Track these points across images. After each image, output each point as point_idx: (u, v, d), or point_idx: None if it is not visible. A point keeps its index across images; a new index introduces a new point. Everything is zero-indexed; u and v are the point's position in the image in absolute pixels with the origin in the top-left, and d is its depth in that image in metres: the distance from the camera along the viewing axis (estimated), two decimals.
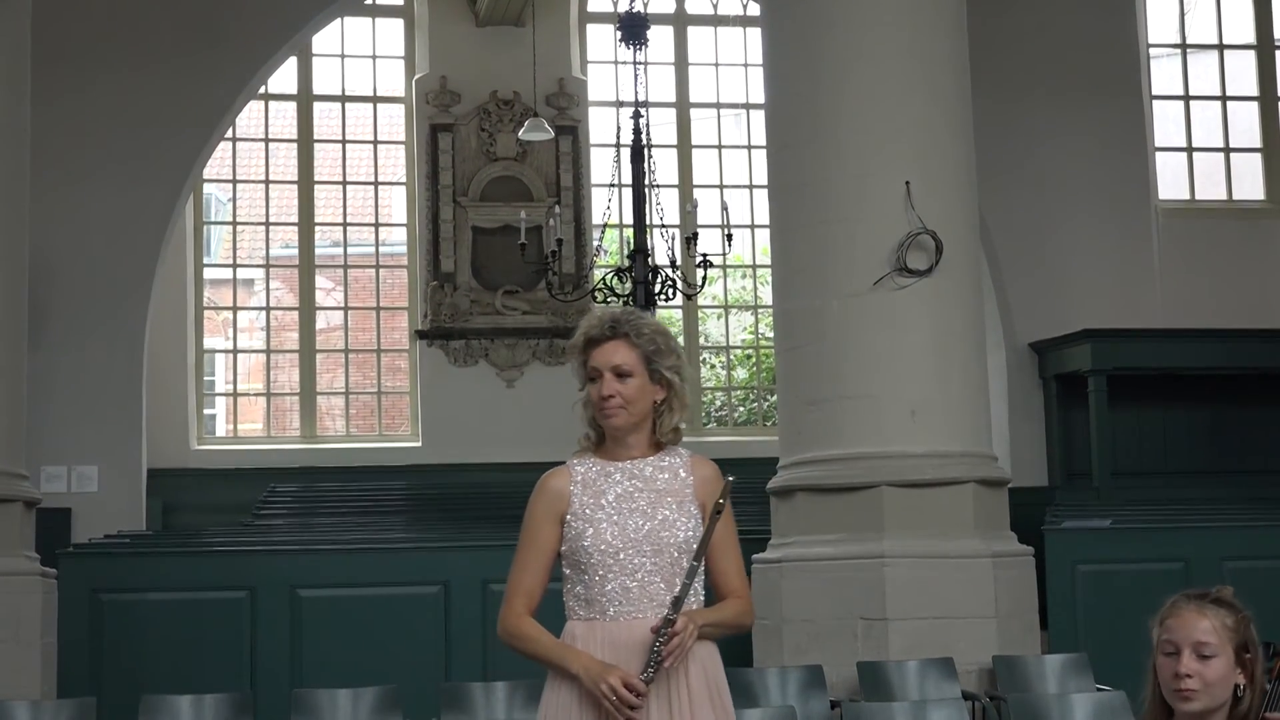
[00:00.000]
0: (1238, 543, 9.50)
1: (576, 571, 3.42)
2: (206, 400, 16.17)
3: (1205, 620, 2.94)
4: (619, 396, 3.41)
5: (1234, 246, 15.29)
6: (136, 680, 7.61)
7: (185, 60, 13.36)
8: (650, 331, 3.47)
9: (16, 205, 7.47)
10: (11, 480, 7.26)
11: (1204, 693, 2.93)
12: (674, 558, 3.36)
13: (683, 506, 3.42)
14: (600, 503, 3.42)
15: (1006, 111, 13.36)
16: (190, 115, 13.46)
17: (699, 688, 3.34)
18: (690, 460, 3.51)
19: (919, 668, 7.20)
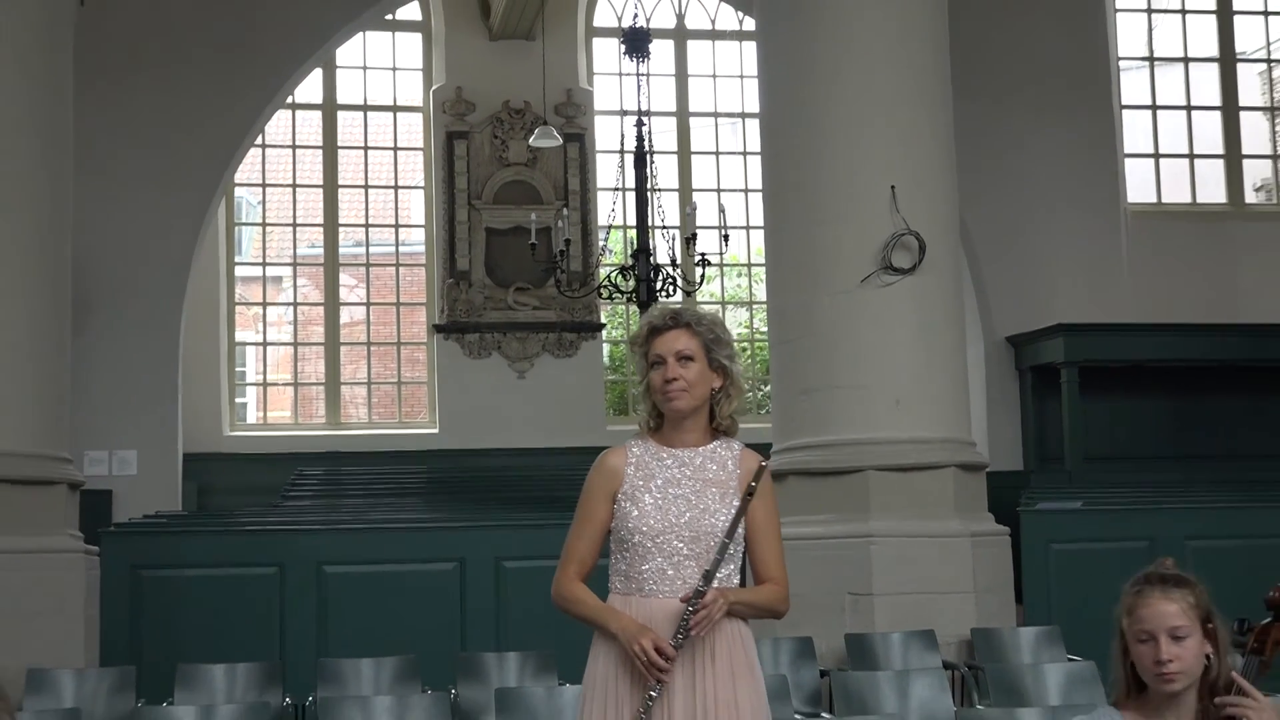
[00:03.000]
0: (1201, 523, 9.50)
1: (619, 547, 3.43)
2: (238, 389, 16.18)
3: (1173, 605, 2.94)
4: (682, 379, 3.39)
5: (1198, 247, 15.30)
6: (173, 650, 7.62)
7: (217, 72, 13.37)
8: (709, 322, 3.48)
9: (61, 206, 7.47)
10: (56, 464, 7.27)
11: (1186, 674, 2.93)
12: (710, 545, 3.35)
13: (725, 498, 3.40)
14: (649, 485, 3.42)
15: (985, 120, 13.35)
16: (222, 124, 13.47)
17: (723, 663, 3.33)
18: (741, 454, 3.48)
19: (902, 639, 7.20)
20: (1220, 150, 16.18)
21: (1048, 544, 9.19)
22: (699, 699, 3.27)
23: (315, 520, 9.84)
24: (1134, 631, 2.96)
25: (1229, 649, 3.00)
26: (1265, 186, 16.61)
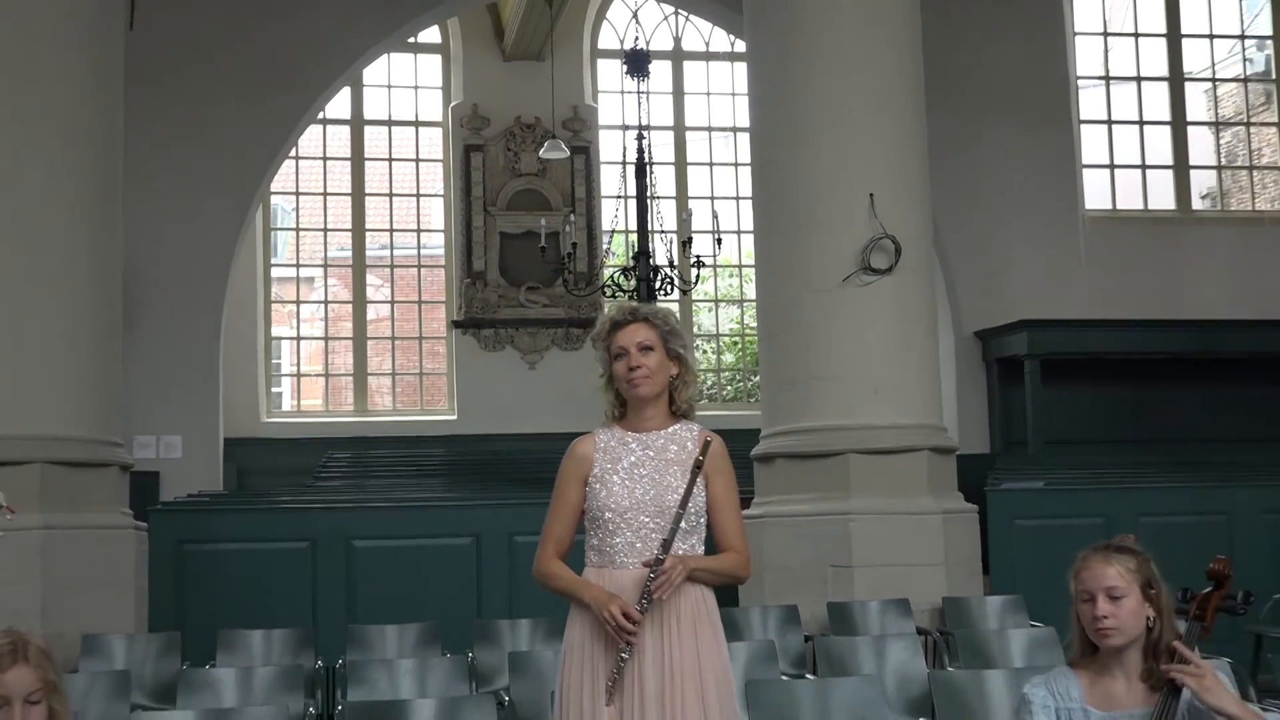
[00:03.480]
0: (1152, 501, 9.50)
1: (593, 525, 3.45)
2: (274, 380, 16.18)
3: (1112, 567, 2.96)
4: (644, 367, 3.42)
5: (1149, 250, 15.30)
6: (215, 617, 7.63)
7: (255, 90, 13.35)
8: (664, 316, 3.52)
9: (112, 213, 7.47)
10: (108, 448, 7.27)
11: (1121, 630, 2.93)
12: (676, 526, 3.36)
13: (685, 475, 3.40)
14: (616, 468, 3.44)
15: (956, 133, 13.34)
16: (259, 137, 13.47)
17: (688, 625, 3.34)
18: (699, 434, 3.49)
19: (879, 607, 7.21)
20: (1170, 161, 16.17)
21: (1012, 520, 9.20)
22: (666, 658, 3.29)
23: (344, 499, 9.84)
24: (1078, 592, 3.00)
25: (1173, 615, 3.00)
26: (1210, 195, 16.59)
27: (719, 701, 3.33)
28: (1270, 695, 5.18)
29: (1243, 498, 9.85)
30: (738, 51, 16.04)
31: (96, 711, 4.78)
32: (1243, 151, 16.72)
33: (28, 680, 2.61)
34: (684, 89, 17.27)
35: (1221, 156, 16.66)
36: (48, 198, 7.03)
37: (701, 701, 3.29)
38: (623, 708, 3.27)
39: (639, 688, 3.27)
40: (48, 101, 7.06)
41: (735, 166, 16.90)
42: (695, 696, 3.29)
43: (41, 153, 7.03)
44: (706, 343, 17.62)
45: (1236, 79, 16.70)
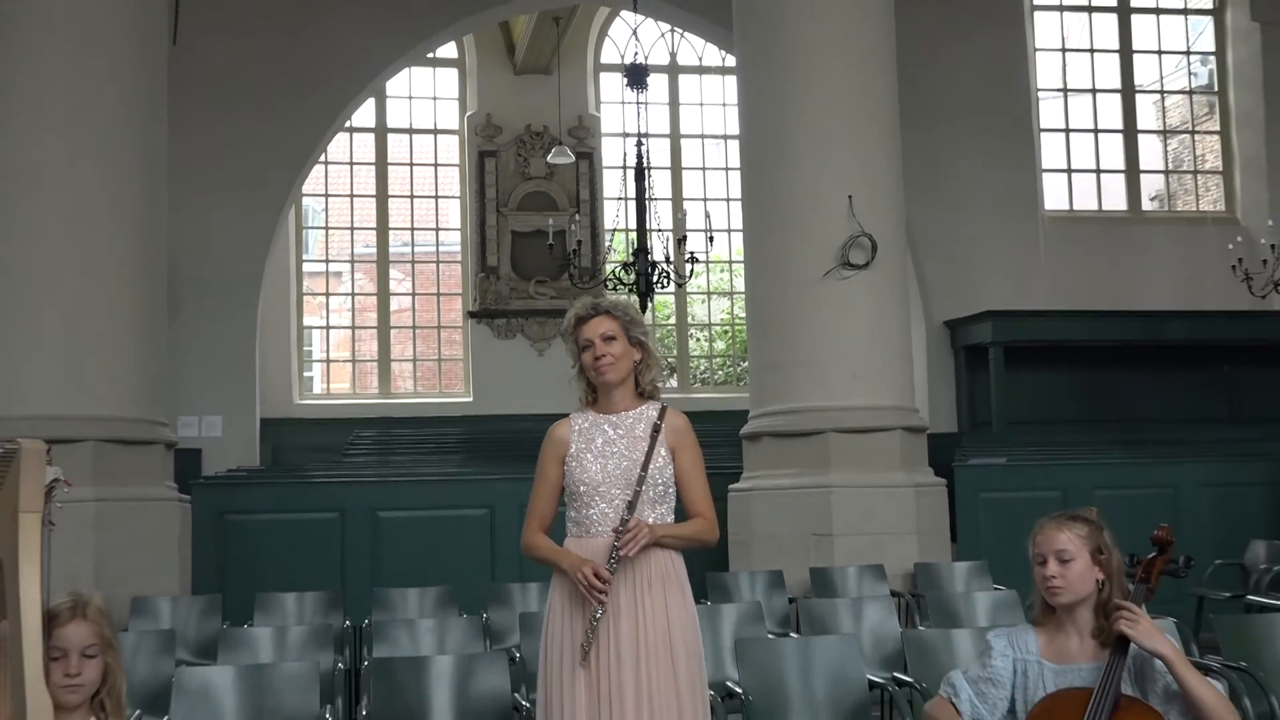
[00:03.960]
0: (1104, 476, 9.52)
1: (571, 499, 3.48)
2: (306, 365, 16.18)
3: (1063, 534, 2.98)
4: (609, 355, 3.44)
5: (1103, 247, 15.32)
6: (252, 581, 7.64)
7: (287, 101, 13.33)
8: (624, 307, 3.55)
9: (157, 213, 7.47)
10: (155, 427, 7.28)
11: (1068, 589, 2.95)
12: (645, 489, 3.40)
13: (655, 449, 3.43)
14: (590, 447, 3.46)
15: (927, 141, 13.32)
16: (291, 143, 13.45)
17: (657, 587, 3.35)
18: (664, 411, 3.51)
19: (857, 572, 7.22)
20: (1122, 166, 16.19)
21: (977, 493, 9.21)
22: (638, 616, 3.30)
23: (370, 474, 9.86)
24: (1033, 555, 3.03)
25: (1123, 577, 3.01)
26: (1159, 196, 16.60)
27: (685, 657, 3.34)
28: (1212, 651, 5.19)
29: (1184, 472, 9.88)
30: (728, 66, 16.00)
31: (144, 667, 4.80)
32: (1188, 157, 16.73)
33: (84, 635, 2.62)
34: (679, 100, 17.27)
35: (1168, 162, 16.68)
36: (99, 200, 7.02)
37: (670, 656, 3.31)
38: (598, 664, 3.28)
39: (613, 645, 3.28)
40: (100, 112, 7.05)
41: (726, 171, 16.88)
42: (664, 652, 3.30)
43: (94, 159, 7.02)
44: (700, 331, 17.61)
45: (1182, 91, 16.70)
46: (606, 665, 3.27)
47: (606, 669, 3.27)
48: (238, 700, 4.15)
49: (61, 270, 6.91)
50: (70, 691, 2.57)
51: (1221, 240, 14.44)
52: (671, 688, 3.28)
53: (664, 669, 3.28)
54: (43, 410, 6.69)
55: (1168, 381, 14.40)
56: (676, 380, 17.08)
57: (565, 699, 3.30)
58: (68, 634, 2.60)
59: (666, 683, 3.28)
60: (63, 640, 2.60)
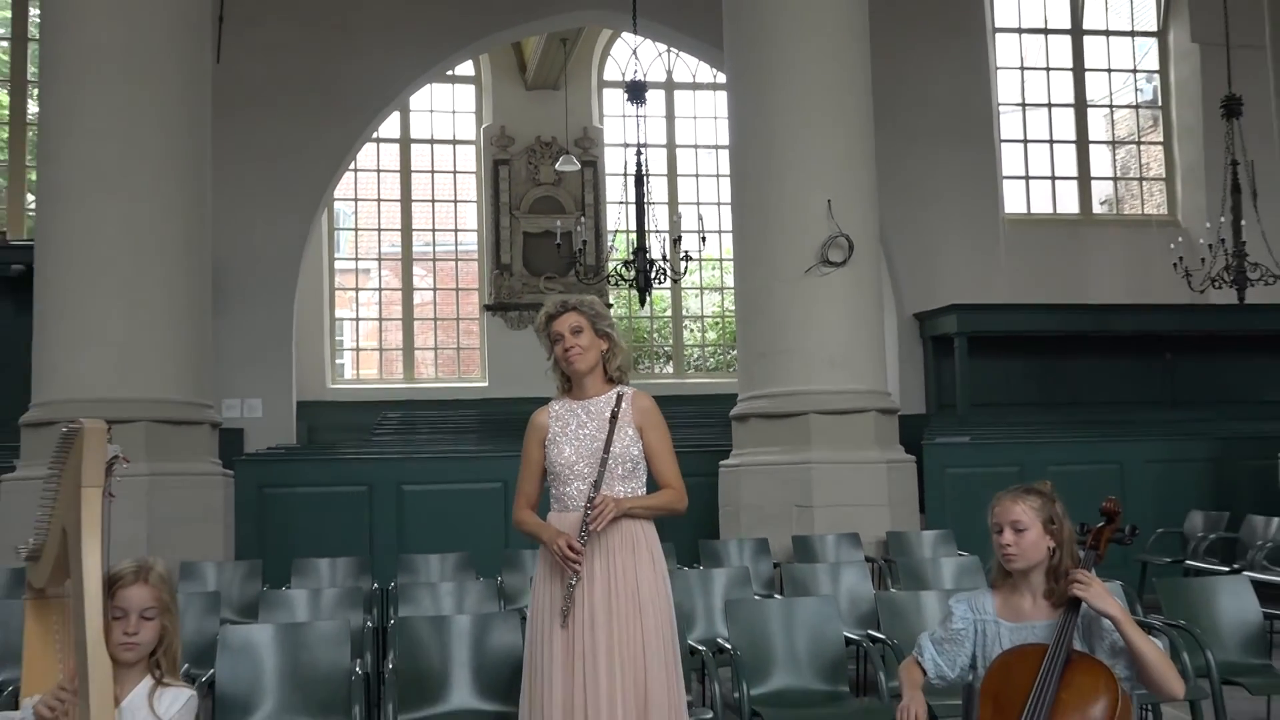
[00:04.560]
0: (1058, 453, 9.54)
1: (552, 479, 3.50)
2: (337, 353, 16.16)
3: (1018, 506, 2.98)
4: (577, 347, 3.46)
5: (1057, 246, 15.34)
6: (289, 548, 7.66)
7: (320, 114, 13.30)
8: (589, 303, 3.55)
9: (202, 215, 7.46)
10: (202, 409, 7.28)
11: (1022, 556, 2.95)
12: (612, 468, 3.40)
13: (622, 430, 3.43)
14: (565, 431, 3.47)
15: (899, 150, 13.30)
16: (324, 152, 13.42)
17: (628, 554, 3.36)
18: (631, 394, 3.51)
19: (835, 539, 7.24)
20: (1074, 174, 16.20)
21: (943, 468, 9.23)
22: (610, 582, 3.32)
23: (395, 451, 9.86)
24: (991, 525, 3.01)
25: (1074, 545, 3.01)
26: (1108, 201, 16.58)
27: (655, 617, 3.34)
28: (1154, 611, 5.21)
29: (1130, 450, 9.90)
30: (719, 82, 15.97)
31: (192, 625, 4.80)
32: (1134, 166, 16.71)
33: (144, 599, 2.60)
34: (675, 113, 17.23)
35: (1116, 170, 16.68)
36: (151, 204, 7.01)
37: (640, 616, 3.30)
38: (574, 625, 3.29)
39: (588, 607, 3.30)
40: (150, 125, 7.04)
41: (717, 177, 16.84)
42: (634, 612, 3.30)
43: (145, 167, 7.01)
44: (694, 322, 17.60)
45: (1129, 106, 16.68)
46: (581, 626, 3.29)
47: (581, 629, 3.29)
48: (277, 655, 4.16)
49: (117, 269, 6.90)
50: (127, 649, 2.56)
51: (1164, 241, 14.43)
52: (639, 644, 3.28)
53: (633, 628, 3.29)
54: (101, 394, 6.70)
55: (1115, 368, 14.41)
56: (672, 366, 17.08)
57: (544, 655, 3.33)
58: (129, 596, 2.60)
59: (635, 640, 3.28)
60: (124, 601, 2.59)
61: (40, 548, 2.52)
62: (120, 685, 2.52)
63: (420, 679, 4.27)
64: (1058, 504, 3.01)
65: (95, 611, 2.29)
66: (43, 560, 2.52)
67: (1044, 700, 2.72)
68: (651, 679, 3.25)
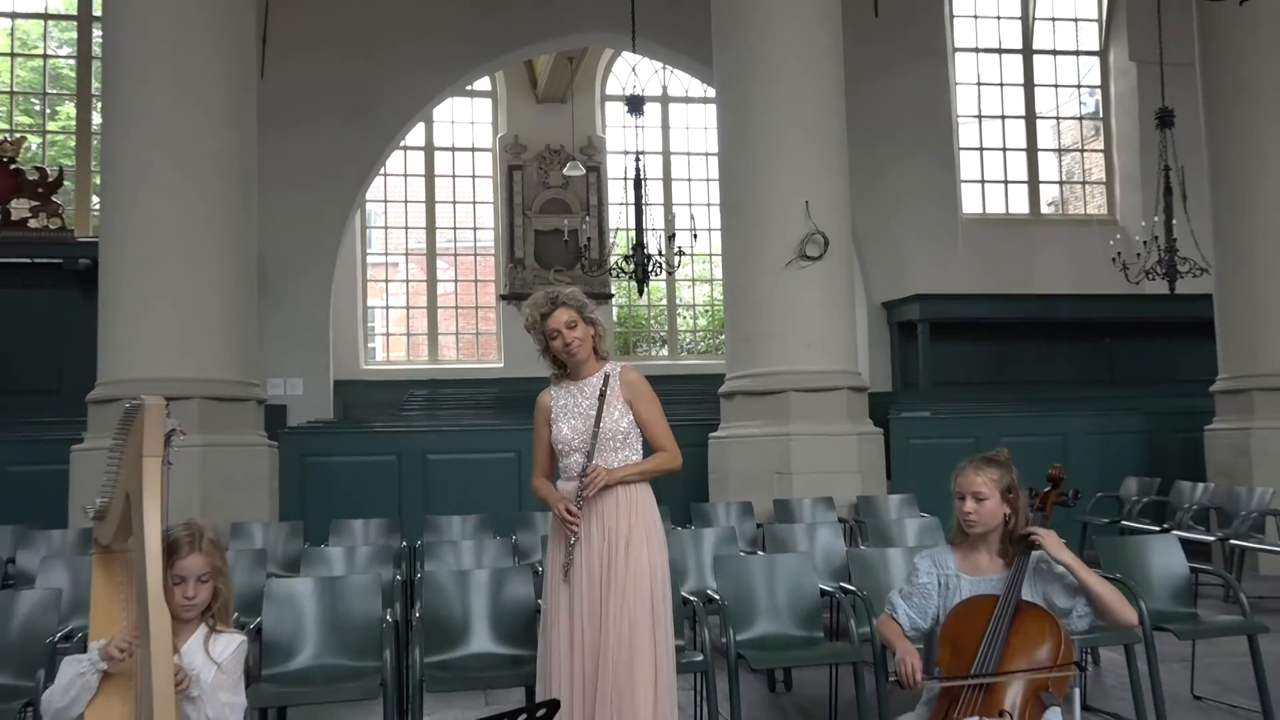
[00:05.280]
0: (1009, 426, 9.56)
1: (559, 452, 3.47)
2: (370, 337, 16.15)
3: (979, 477, 2.98)
4: (576, 340, 3.43)
5: (1009, 242, 15.32)
6: (327, 510, 7.68)
7: (353, 124, 13.27)
8: (573, 295, 3.51)
9: (248, 214, 7.43)
10: (249, 387, 7.28)
11: (981, 523, 2.96)
12: (606, 440, 3.39)
13: (611, 405, 3.42)
14: (564, 411, 3.46)
15: (869, 156, 13.27)
16: (356, 158, 13.39)
17: (624, 516, 3.33)
18: (619, 370, 3.50)
19: (811, 503, 7.24)
20: (1025, 178, 16.16)
21: (908, 440, 9.25)
22: (605, 541, 3.31)
23: (422, 425, 9.88)
24: (954, 491, 3.01)
25: (1027, 511, 3.01)
26: (1054, 202, 16.55)
27: (649, 571, 3.31)
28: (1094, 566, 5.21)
29: (1073, 424, 9.92)
30: (709, 97, 15.91)
31: (241, 579, 4.81)
32: (1078, 171, 16.67)
33: (200, 565, 2.62)
34: (670, 124, 17.17)
35: (1062, 174, 16.63)
36: (202, 205, 6.99)
37: (631, 571, 3.28)
38: (574, 579, 3.30)
39: (585, 564, 3.30)
40: (200, 134, 7.02)
41: (707, 181, 16.81)
42: (625, 568, 3.28)
43: (195, 173, 6.99)
44: (686, 310, 17.58)
45: (1074, 117, 16.63)
46: (580, 580, 3.29)
47: (580, 583, 3.29)
48: (316, 605, 4.17)
49: (171, 259, 6.89)
50: (187, 610, 2.60)
51: (1104, 238, 14.44)
52: (631, 598, 3.25)
53: (626, 582, 3.26)
54: (158, 374, 6.70)
55: (1060, 351, 14.41)
56: (668, 350, 17.07)
57: (552, 606, 3.35)
58: (186, 564, 2.62)
59: (628, 593, 3.26)
60: (183, 569, 2.61)
61: (105, 509, 2.53)
62: (178, 636, 2.54)
63: (444, 626, 4.28)
64: (1014, 475, 3.01)
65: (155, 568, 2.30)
66: (108, 520, 2.52)
67: (996, 643, 2.73)
68: (639, 628, 3.23)
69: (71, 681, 2.42)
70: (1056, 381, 14.04)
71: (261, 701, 3.82)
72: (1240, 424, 8.83)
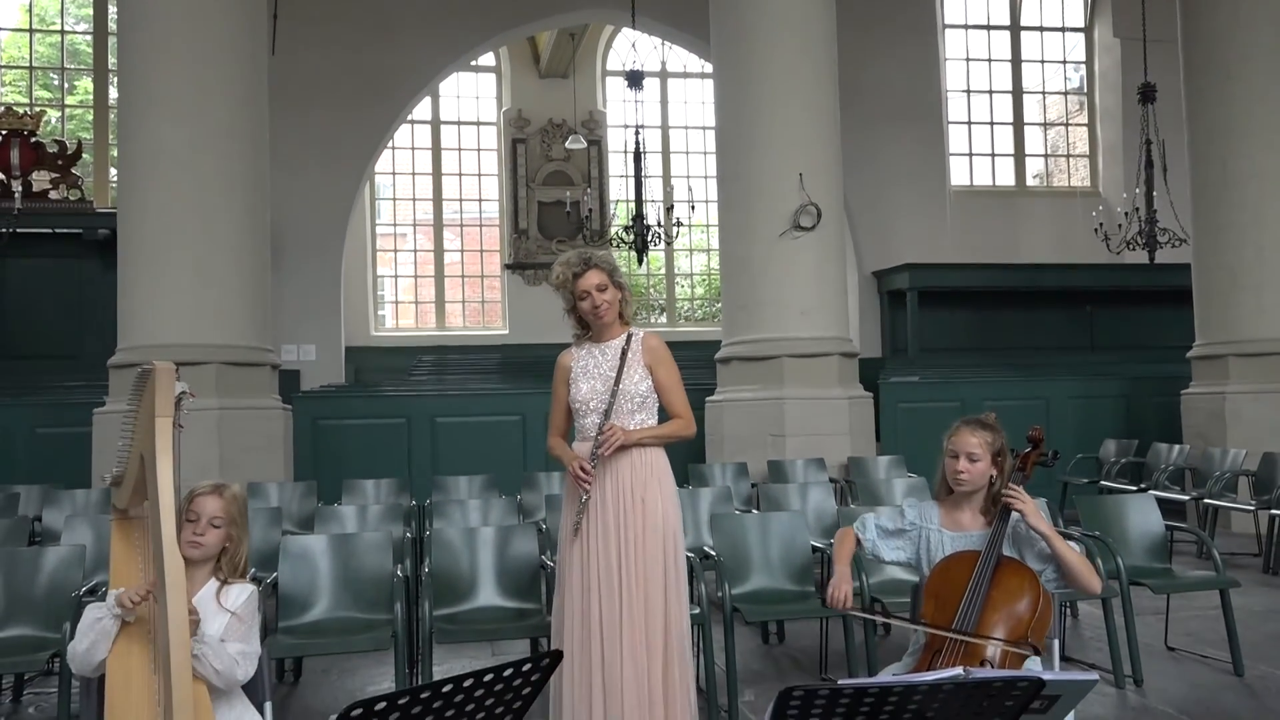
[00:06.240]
0: (993, 390, 9.56)
1: (576, 413, 3.38)
2: (380, 305, 16.12)
3: (974, 437, 2.96)
4: (605, 304, 3.34)
5: (996, 213, 15.26)
6: (340, 470, 7.70)
7: (362, 99, 13.16)
8: (606, 258, 3.41)
9: (261, 185, 7.38)
10: (264, 353, 7.27)
11: (971, 482, 2.95)
12: (623, 402, 3.30)
13: (632, 368, 3.33)
14: (585, 371, 3.37)
15: (861, 130, 13.16)
16: (365, 132, 13.29)
17: (639, 476, 3.25)
18: (642, 335, 3.41)
19: (803, 464, 7.26)
20: (1011, 151, 16.07)
21: (896, 403, 9.25)
22: (619, 502, 3.22)
23: (430, 389, 9.88)
24: (947, 449, 2.99)
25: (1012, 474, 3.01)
26: (1039, 175, 16.45)
27: (662, 533, 3.23)
28: (1073, 524, 5.24)
29: (1054, 387, 9.92)
30: (707, 71, 15.76)
31: (258, 536, 4.83)
32: (1062, 145, 16.57)
33: (214, 508, 2.61)
34: (669, 99, 17.02)
35: (1047, 148, 16.53)
36: (216, 173, 6.95)
37: (644, 533, 3.20)
38: (587, 539, 3.22)
39: (599, 525, 3.22)
40: (214, 107, 6.96)
41: (705, 154, 16.70)
42: (638, 530, 3.20)
43: (212, 145, 6.94)
44: (685, 279, 17.54)
45: (1059, 92, 16.50)
46: (594, 542, 3.22)
47: (594, 542, 3.22)
48: (329, 561, 4.18)
49: (187, 230, 6.86)
50: (192, 547, 2.58)
51: (1087, 210, 14.39)
52: (644, 561, 3.19)
53: (639, 546, 3.20)
54: (176, 340, 6.69)
55: (1043, 318, 14.40)
56: (666, 317, 17.05)
57: (565, 564, 3.30)
58: (202, 504, 2.62)
59: (639, 554, 3.19)
60: (198, 507, 2.61)
61: (122, 474, 2.52)
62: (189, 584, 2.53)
63: (452, 581, 4.30)
64: (1004, 439, 3.00)
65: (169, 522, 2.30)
66: (124, 484, 2.52)
67: (978, 597, 2.73)
68: (652, 591, 3.18)
69: (90, 626, 2.43)
70: (1040, 348, 14.04)
71: (278, 652, 3.84)
72: (1215, 388, 8.83)
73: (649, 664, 3.14)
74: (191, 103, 6.87)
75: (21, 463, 7.89)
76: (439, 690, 1.70)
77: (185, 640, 2.25)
